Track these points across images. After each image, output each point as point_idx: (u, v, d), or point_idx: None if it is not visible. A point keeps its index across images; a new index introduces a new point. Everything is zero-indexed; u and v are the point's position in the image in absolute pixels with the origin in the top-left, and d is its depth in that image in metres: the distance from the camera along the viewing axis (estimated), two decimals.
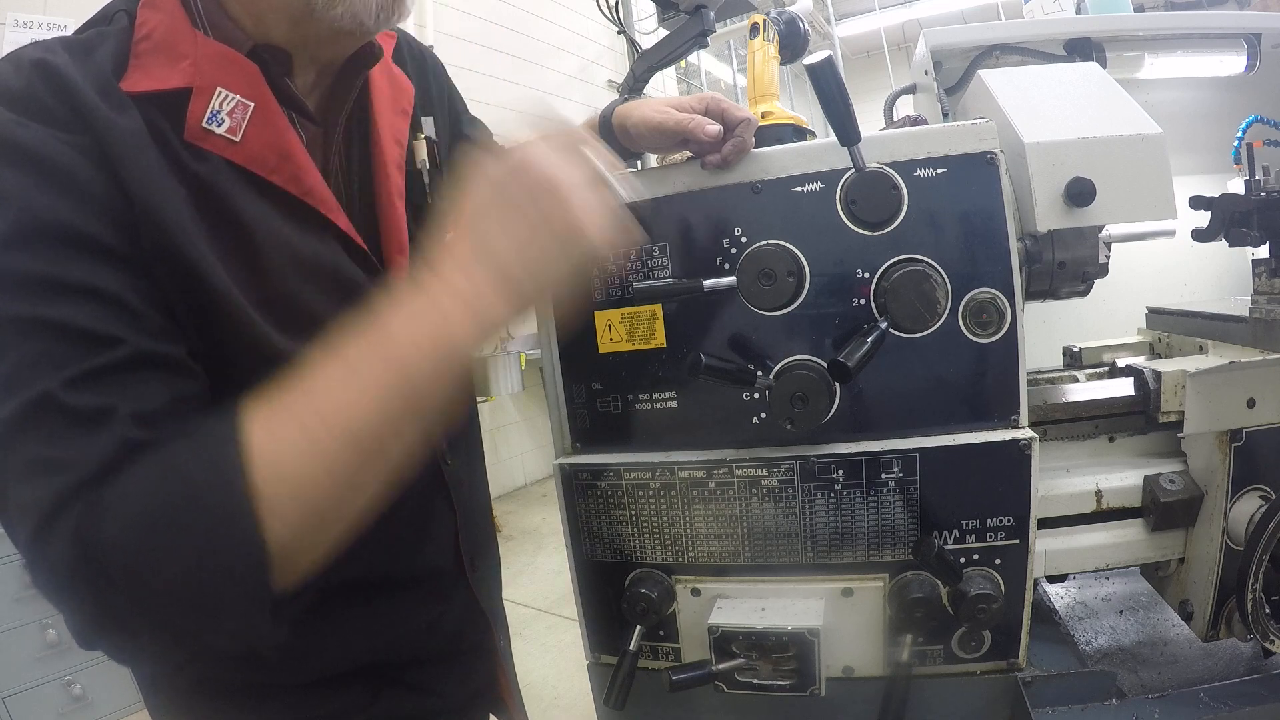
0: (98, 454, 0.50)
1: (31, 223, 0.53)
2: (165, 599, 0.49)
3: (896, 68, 8.43)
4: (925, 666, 0.78)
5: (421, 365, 0.51)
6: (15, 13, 2.55)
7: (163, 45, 0.62)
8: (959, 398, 0.74)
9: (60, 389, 0.51)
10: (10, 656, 2.07)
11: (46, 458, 0.51)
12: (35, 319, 0.52)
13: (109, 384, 0.53)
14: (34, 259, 0.53)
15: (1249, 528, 0.75)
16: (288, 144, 0.66)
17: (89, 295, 0.54)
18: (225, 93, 0.63)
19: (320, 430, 0.50)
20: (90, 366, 0.52)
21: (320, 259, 0.68)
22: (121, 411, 0.52)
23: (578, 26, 5.92)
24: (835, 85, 0.66)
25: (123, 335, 0.55)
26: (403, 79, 0.83)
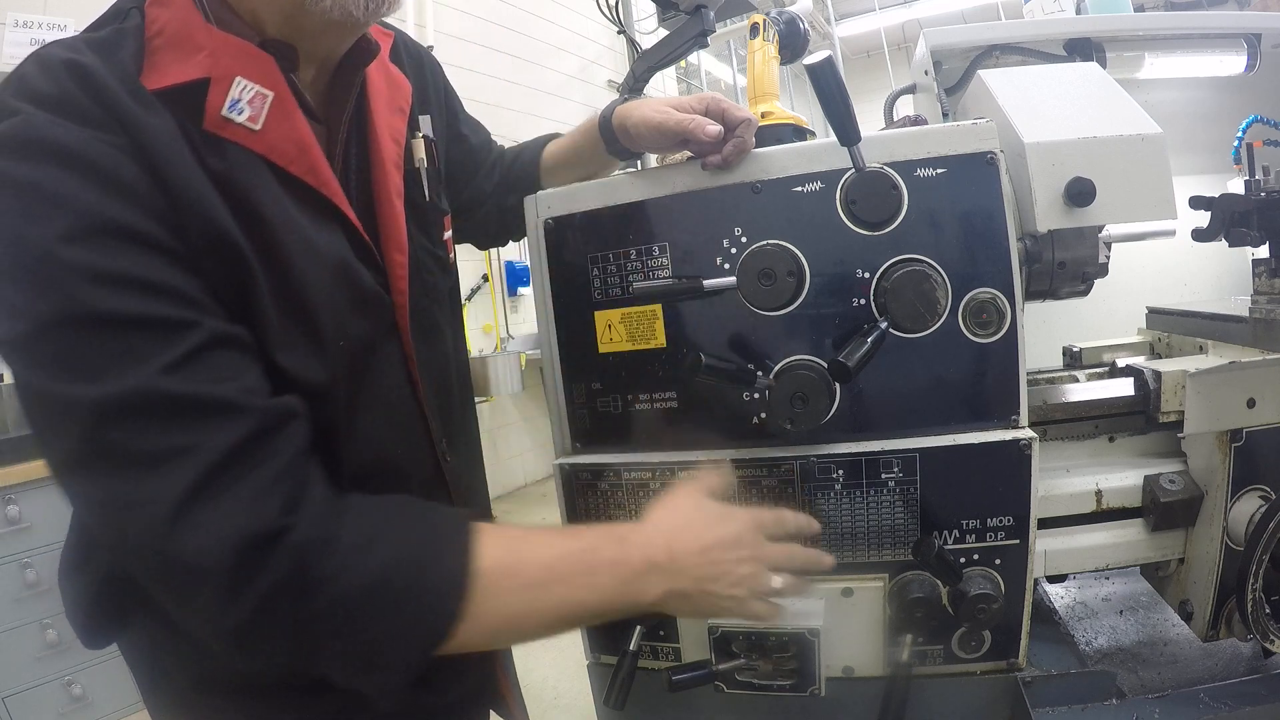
0: (223, 437, 0.54)
1: (87, 221, 0.54)
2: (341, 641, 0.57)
3: (896, 68, 8.43)
4: (925, 666, 0.78)
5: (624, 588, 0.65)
6: (15, 13, 2.55)
7: (176, 40, 0.62)
8: (959, 398, 0.74)
9: (159, 377, 0.53)
10: (10, 656, 2.07)
11: (166, 446, 0.52)
12: (106, 314, 0.53)
13: (203, 366, 0.55)
14: (95, 255, 0.53)
15: (1249, 528, 0.75)
16: (304, 135, 0.67)
17: (154, 287, 0.55)
18: (244, 82, 0.63)
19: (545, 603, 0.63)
20: (180, 352, 0.54)
21: (332, 252, 0.69)
22: (231, 391, 0.56)
23: (578, 26, 5.92)
24: (835, 85, 0.66)
25: (196, 318, 0.56)
26: (400, 78, 0.83)
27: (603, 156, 0.93)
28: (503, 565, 0.61)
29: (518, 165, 1.01)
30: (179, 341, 0.55)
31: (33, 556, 2.10)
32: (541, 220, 0.84)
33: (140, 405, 0.53)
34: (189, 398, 0.54)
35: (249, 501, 0.54)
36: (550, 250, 0.84)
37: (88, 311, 0.52)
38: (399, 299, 0.76)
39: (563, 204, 0.83)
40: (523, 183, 0.98)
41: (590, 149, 0.94)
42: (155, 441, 0.53)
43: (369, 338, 0.73)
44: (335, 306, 0.68)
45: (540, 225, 0.84)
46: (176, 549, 0.53)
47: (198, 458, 0.53)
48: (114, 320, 0.53)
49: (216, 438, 0.54)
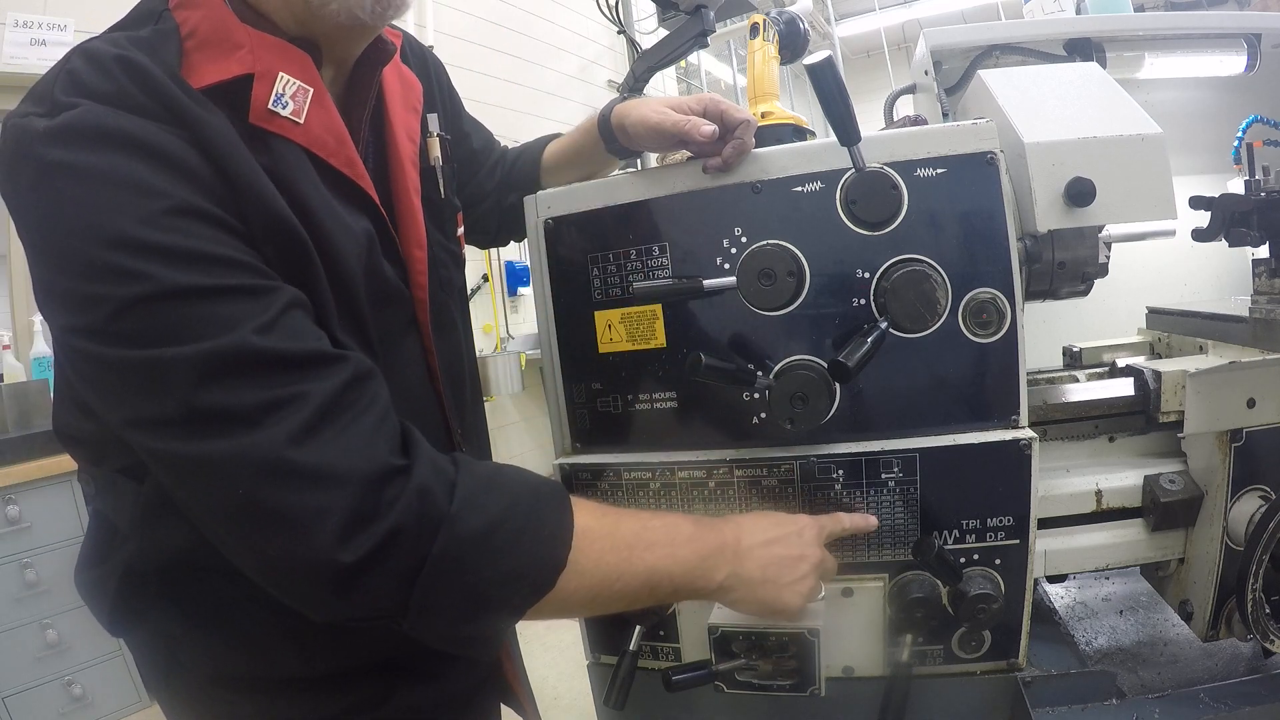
0: (323, 386, 0.55)
1: (158, 204, 0.54)
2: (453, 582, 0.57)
3: (896, 68, 8.43)
4: (925, 666, 0.78)
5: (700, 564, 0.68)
6: (15, 13, 2.55)
7: (212, 39, 0.63)
8: (959, 398, 0.74)
9: (253, 335, 0.53)
10: (10, 656, 2.07)
11: (266, 399, 0.53)
12: (189, 287, 0.53)
13: (291, 325, 0.56)
14: (169, 235, 0.53)
15: (1249, 528, 0.75)
16: (342, 129, 0.68)
17: (232, 261, 0.56)
18: (287, 77, 0.64)
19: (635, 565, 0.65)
20: (270, 315, 0.55)
21: (367, 245, 0.70)
22: (321, 345, 0.58)
23: (578, 26, 5.91)
24: (835, 85, 0.66)
25: (277, 284, 0.58)
26: (412, 77, 0.84)
27: (602, 156, 0.93)
28: (600, 524, 0.65)
29: (518, 165, 1.02)
30: (265, 305, 0.56)
31: (33, 556, 2.10)
32: (541, 220, 0.84)
33: (237, 363, 0.53)
34: (285, 352, 0.55)
35: (364, 441, 0.56)
36: (550, 250, 0.84)
37: (173, 287, 0.53)
38: (419, 293, 0.78)
39: (563, 204, 0.83)
40: (523, 182, 0.98)
41: (590, 148, 0.94)
42: (257, 396, 0.53)
43: (391, 330, 0.75)
44: (370, 296, 0.70)
45: (540, 225, 0.84)
46: (292, 491, 0.53)
47: (304, 405, 0.54)
48: (200, 292, 0.53)
49: (320, 384, 0.55)
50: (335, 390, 0.56)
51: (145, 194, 0.53)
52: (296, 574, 0.56)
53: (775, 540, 0.71)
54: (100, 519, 0.76)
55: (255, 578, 0.58)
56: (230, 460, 0.53)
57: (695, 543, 0.68)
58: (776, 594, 0.69)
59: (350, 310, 0.68)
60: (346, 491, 0.53)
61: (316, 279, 0.64)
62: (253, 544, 0.56)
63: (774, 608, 0.71)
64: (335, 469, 0.54)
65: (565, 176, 0.97)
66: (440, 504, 0.57)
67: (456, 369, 0.85)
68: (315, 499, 0.53)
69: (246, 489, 0.53)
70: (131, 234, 0.52)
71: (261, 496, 0.53)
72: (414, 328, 0.78)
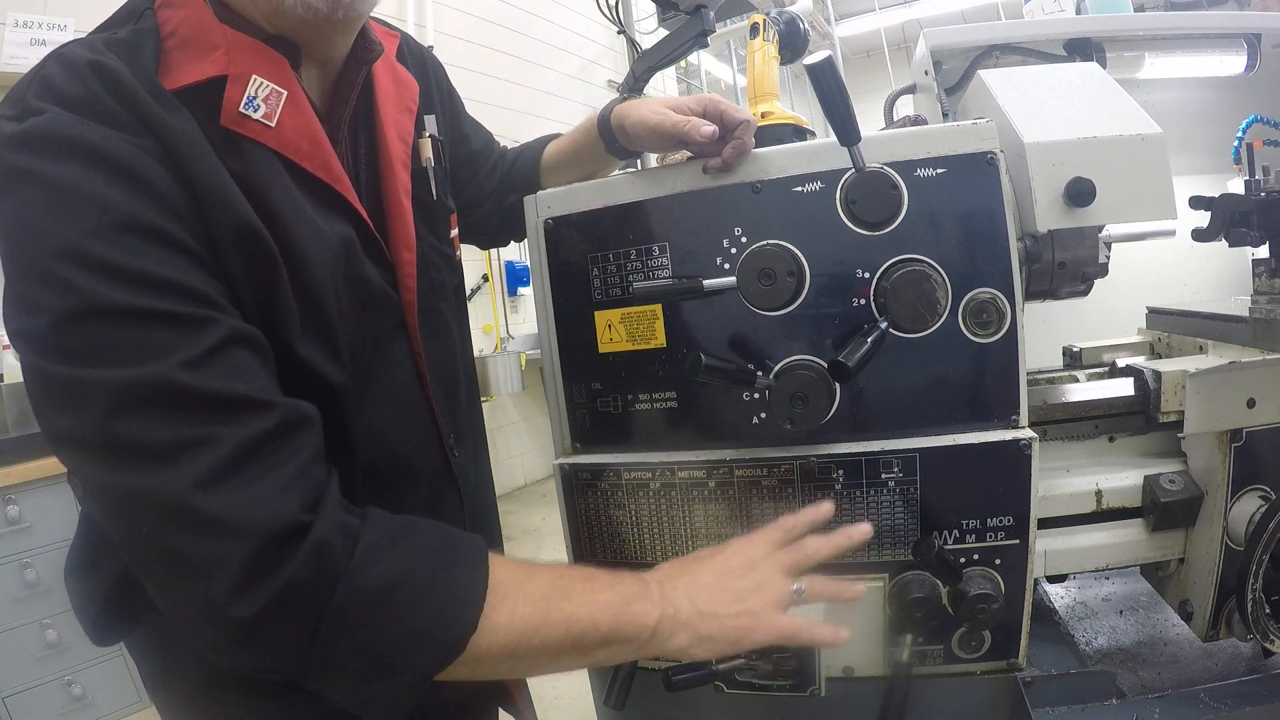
0: (240, 432, 0.54)
1: (111, 218, 0.54)
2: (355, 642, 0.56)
3: (896, 68, 8.43)
4: (925, 666, 0.78)
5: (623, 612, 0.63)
6: (15, 13, 2.55)
7: (191, 39, 0.63)
8: (959, 398, 0.74)
9: (178, 370, 0.52)
10: (10, 656, 2.07)
11: (181, 438, 0.52)
12: (125, 307, 0.53)
13: (221, 364, 0.55)
14: (117, 251, 0.53)
15: (1249, 528, 0.75)
16: (318, 132, 0.68)
17: (173, 284, 0.55)
18: (260, 80, 0.63)
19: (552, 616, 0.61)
20: (200, 349, 0.54)
21: (342, 249, 0.70)
22: (248, 389, 0.56)
23: (578, 26, 5.91)
24: (835, 85, 0.66)
25: (215, 316, 0.56)
26: (407, 77, 0.84)
27: (602, 156, 0.93)
28: (513, 578, 0.62)
29: (518, 165, 1.02)
30: (198, 338, 0.54)
31: (33, 556, 2.10)
32: (541, 220, 0.84)
33: (157, 396, 0.52)
34: (207, 392, 0.53)
35: (272, 494, 0.54)
36: (550, 250, 0.84)
37: (109, 305, 0.52)
38: (407, 296, 0.77)
39: (563, 204, 0.83)
40: (523, 182, 0.98)
41: (590, 148, 0.94)
42: (172, 433, 0.52)
43: (378, 334, 0.74)
44: (343, 302, 0.69)
45: (540, 225, 0.84)
46: (191, 536, 0.52)
47: (216, 449, 0.53)
48: (135, 314, 0.53)
49: (237, 430, 0.54)
50: (253, 438, 0.54)
51: (98, 207, 0.53)
52: (196, 620, 0.55)
53: (701, 570, 0.67)
54: (89, 521, 0.76)
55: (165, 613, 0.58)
56: (138, 495, 0.53)
57: (616, 587, 0.64)
58: (721, 625, 0.64)
59: (317, 320, 0.66)
60: (244, 544, 0.52)
61: (283, 288, 0.63)
62: (157, 582, 0.56)
63: (728, 640, 0.64)
64: (236, 520, 0.52)
65: (565, 177, 0.97)
66: (339, 559, 0.55)
67: (450, 372, 0.85)
68: (213, 549, 0.52)
69: (150, 528, 0.53)
70: (78, 246, 0.52)
71: (163, 538, 0.53)
72: (402, 331, 0.78)
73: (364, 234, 0.72)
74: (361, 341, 0.72)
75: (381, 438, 0.74)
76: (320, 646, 0.55)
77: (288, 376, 0.63)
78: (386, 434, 0.75)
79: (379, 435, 0.74)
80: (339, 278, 0.69)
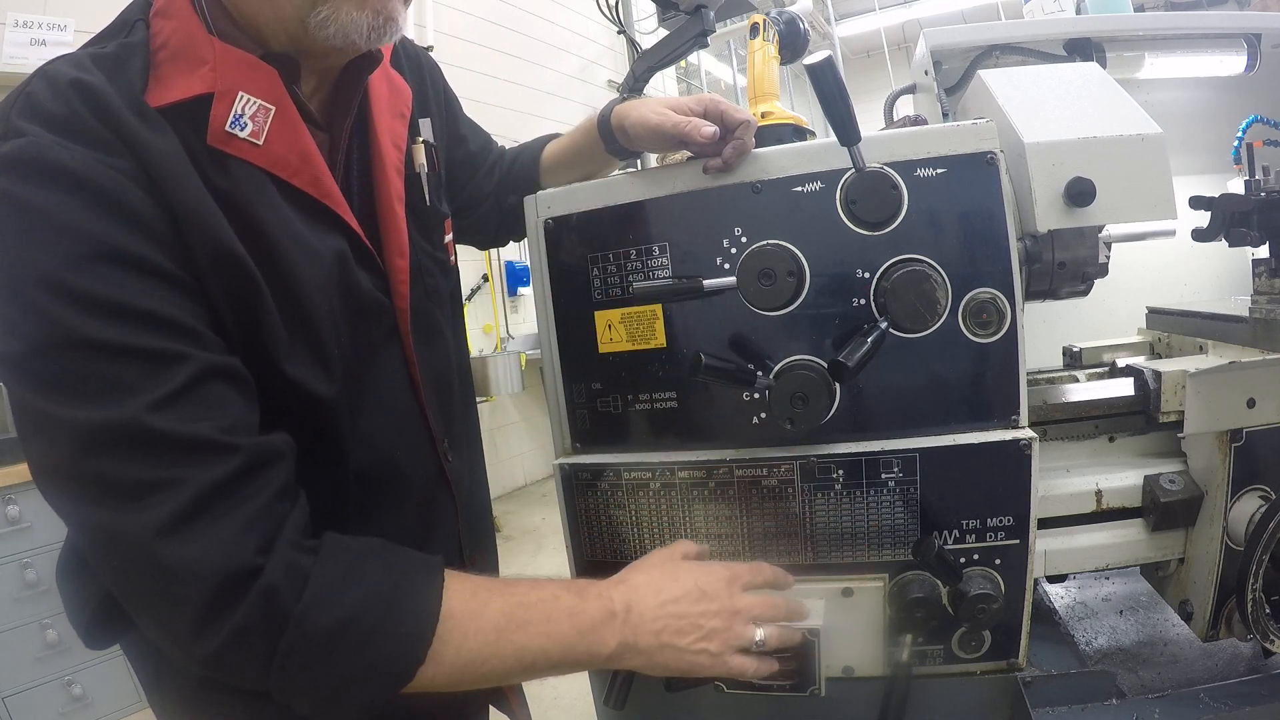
0: (205, 475, 0.55)
1: (89, 247, 0.54)
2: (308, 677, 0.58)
3: (896, 68, 8.43)
4: (925, 666, 0.78)
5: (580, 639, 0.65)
6: (15, 13, 2.55)
7: (180, 52, 0.63)
8: (959, 398, 0.74)
9: (146, 413, 0.54)
10: (10, 656, 2.07)
11: (150, 479, 0.54)
12: (99, 341, 0.53)
13: (191, 402, 0.56)
14: (93, 281, 0.54)
15: (1249, 528, 0.75)
16: (307, 147, 0.67)
17: (149, 316, 0.56)
18: (247, 97, 0.63)
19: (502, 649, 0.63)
20: (170, 388, 0.55)
21: (334, 262, 0.69)
22: (215, 431, 0.57)
23: (578, 26, 5.92)
24: (835, 85, 0.66)
25: (189, 351, 0.57)
26: (401, 83, 0.83)
27: (602, 156, 0.93)
28: (466, 610, 0.62)
29: (517, 165, 1.01)
30: (169, 376, 0.55)
31: (33, 556, 2.10)
32: (541, 220, 0.84)
33: (125, 438, 0.54)
34: (174, 436, 0.55)
35: (231, 537, 0.55)
36: (550, 250, 0.84)
37: (83, 338, 0.53)
38: (400, 303, 0.77)
39: (563, 204, 0.83)
40: (522, 183, 0.98)
41: (590, 148, 0.94)
42: (139, 474, 0.54)
43: (370, 342, 0.74)
44: (336, 314, 0.69)
45: (540, 225, 0.84)
46: (154, 579, 0.55)
47: (180, 493, 0.54)
48: (108, 349, 0.54)
49: (199, 474, 0.55)
50: (216, 480, 0.56)
51: (75, 236, 0.54)
52: (167, 645, 0.59)
53: (671, 600, 0.68)
54: None
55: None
56: (104, 532, 0.56)
57: (576, 617, 0.65)
58: (678, 658, 0.67)
59: (307, 336, 0.67)
60: (199, 589, 0.54)
61: (265, 311, 0.63)
62: (130, 608, 0.59)
63: (688, 670, 0.68)
64: (194, 566, 0.54)
65: (565, 177, 0.96)
66: (286, 603, 0.56)
67: (444, 377, 0.85)
68: (173, 592, 0.54)
69: (119, 564, 0.56)
70: (55, 275, 0.53)
71: (130, 577, 0.56)
72: (395, 338, 0.77)
73: (356, 244, 0.72)
74: (354, 351, 0.72)
75: (373, 445, 0.74)
76: (276, 678, 0.58)
77: (276, 394, 0.64)
78: (378, 441, 0.75)
79: (371, 443, 0.74)
80: (331, 292, 0.69)
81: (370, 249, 0.74)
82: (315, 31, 0.64)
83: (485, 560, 0.94)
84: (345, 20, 0.64)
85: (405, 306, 0.77)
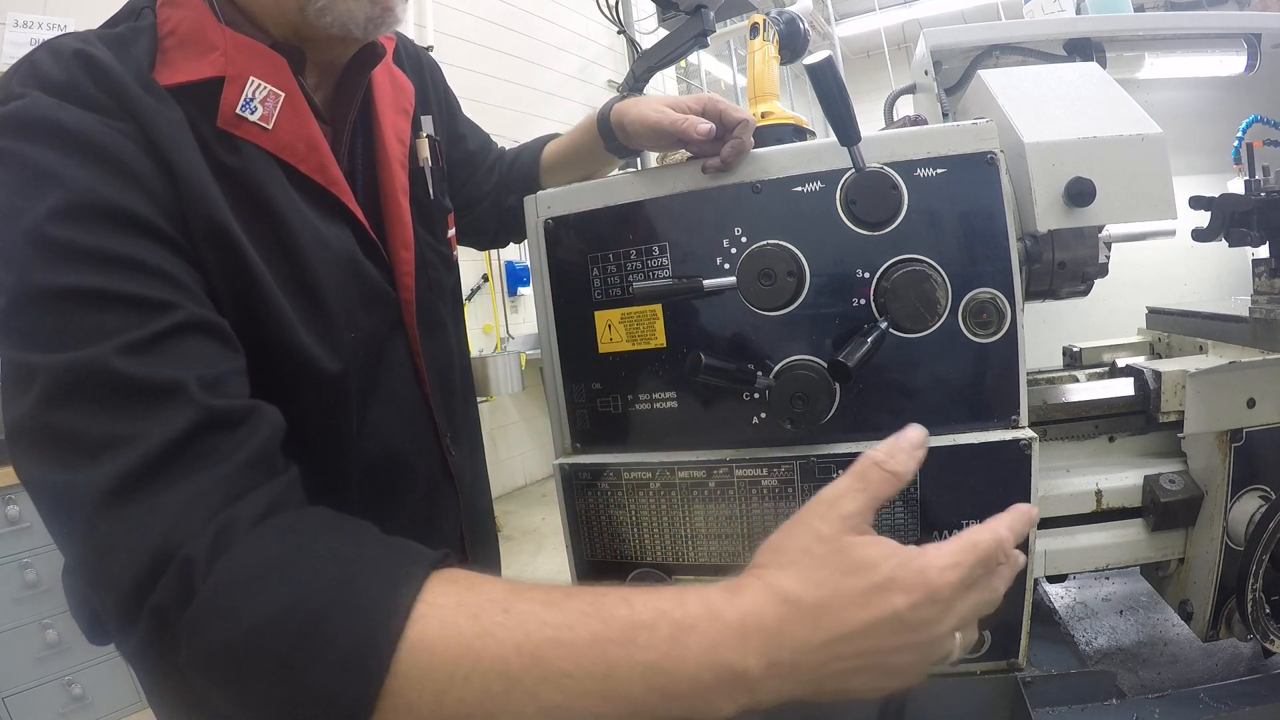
0: (163, 430, 0.48)
1: (77, 199, 0.53)
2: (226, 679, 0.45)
3: (896, 68, 8.43)
4: None
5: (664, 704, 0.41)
6: (15, 12, 2.55)
7: (190, 39, 0.63)
8: (959, 398, 0.74)
9: (114, 355, 0.49)
10: (10, 656, 2.07)
11: (108, 433, 0.48)
12: (80, 289, 0.51)
13: (168, 350, 0.51)
14: (79, 232, 0.52)
15: (1249, 528, 0.75)
16: (314, 134, 0.68)
17: (137, 266, 0.53)
18: (258, 81, 0.64)
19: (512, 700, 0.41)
20: (147, 333, 0.51)
21: (342, 248, 0.70)
22: (187, 379, 0.50)
23: (578, 26, 5.92)
24: (835, 85, 0.66)
25: (176, 301, 0.54)
26: (404, 79, 0.84)
27: (602, 155, 0.93)
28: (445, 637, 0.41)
29: (517, 165, 1.02)
30: (150, 321, 0.51)
31: (33, 556, 2.10)
32: (541, 220, 0.84)
33: (89, 383, 0.49)
34: (138, 381, 0.49)
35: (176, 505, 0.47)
36: (550, 250, 0.84)
37: (65, 286, 0.51)
38: (405, 295, 0.77)
39: (563, 204, 0.83)
40: (522, 183, 0.98)
41: (590, 147, 0.94)
42: (97, 427, 0.48)
43: (377, 332, 0.75)
44: (346, 299, 0.70)
45: (540, 225, 0.84)
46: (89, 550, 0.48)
47: (134, 449, 0.47)
48: (89, 295, 0.51)
49: (158, 430, 0.48)
50: (176, 437, 0.48)
51: (66, 188, 0.53)
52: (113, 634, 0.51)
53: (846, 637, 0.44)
54: None
55: None
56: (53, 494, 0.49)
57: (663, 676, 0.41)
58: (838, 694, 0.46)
59: (314, 312, 0.66)
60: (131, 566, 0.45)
61: (261, 284, 0.62)
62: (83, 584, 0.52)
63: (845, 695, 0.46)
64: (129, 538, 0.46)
65: (565, 176, 0.97)
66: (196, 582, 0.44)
67: (447, 370, 0.85)
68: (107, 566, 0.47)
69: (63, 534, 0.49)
70: (41, 228, 0.52)
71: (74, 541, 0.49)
72: (400, 330, 0.78)
73: (361, 234, 0.72)
74: (364, 339, 0.72)
75: (378, 435, 0.74)
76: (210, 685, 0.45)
77: (277, 367, 0.63)
78: (383, 432, 0.75)
79: (376, 433, 0.74)
80: (341, 275, 0.69)
81: (375, 240, 0.74)
82: (313, 19, 0.64)
83: (488, 559, 0.94)
84: (342, 9, 0.64)
85: (410, 298, 0.78)
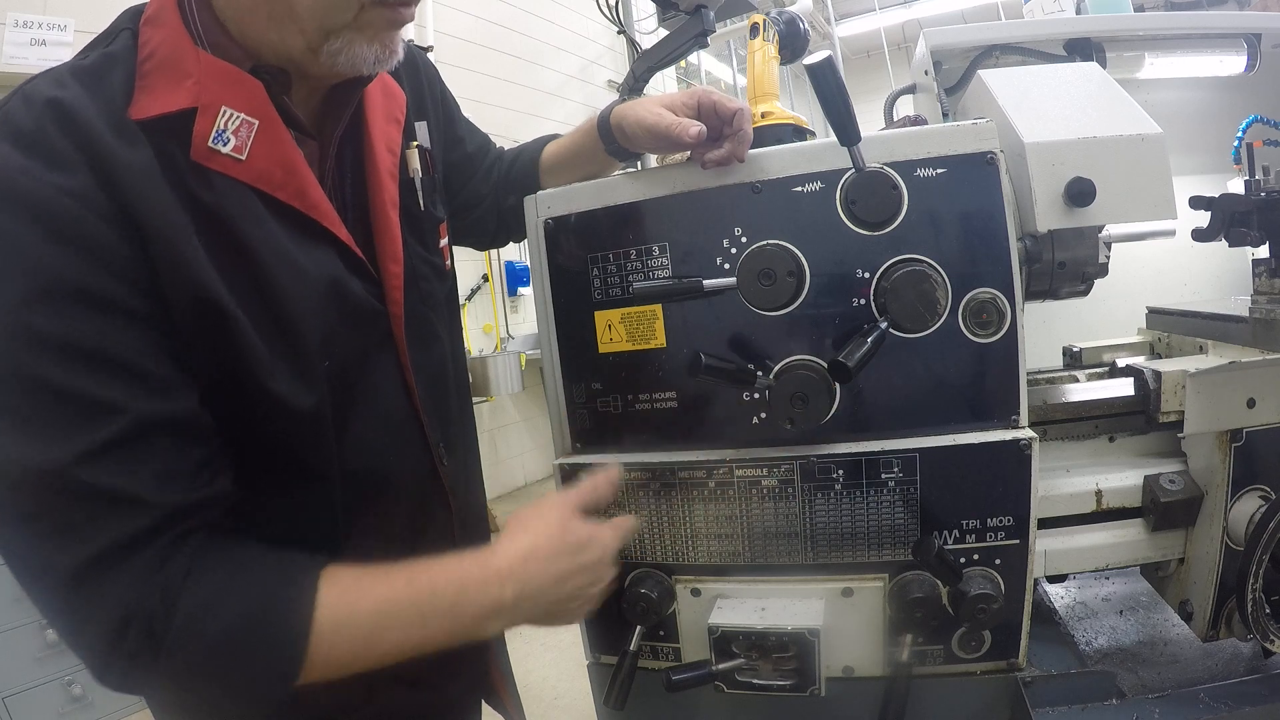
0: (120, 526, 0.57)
1: (43, 282, 0.54)
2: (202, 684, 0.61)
3: (896, 68, 8.43)
4: (925, 666, 0.78)
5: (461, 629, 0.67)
6: (15, 12, 2.55)
7: (166, 63, 0.62)
8: (959, 398, 0.74)
9: (74, 464, 0.55)
10: (10, 656, 2.07)
11: (66, 524, 0.56)
12: (44, 382, 0.54)
13: (119, 456, 0.57)
14: (47, 320, 0.54)
15: (1249, 528, 0.75)
16: (292, 159, 0.67)
17: (94, 357, 0.56)
18: (230, 111, 0.63)
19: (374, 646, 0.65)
20: (102, 439, 0.56)
21: (322, 273, 0.69)
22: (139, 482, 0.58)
23: (578, 26, 5.92)
24: (835, 85, 0.66)
25: (126, 403, 0.57)
26: (395, 88, 0.83)
27: (602, 157, 0.93)
28: (336, 620, 0.63)
29: (517, 166, 1.01)
30: (102, 426, 0.56)
31: None
32: (541, 220, 0.84)
33: (53, 485, 0.55)
34: (97, 489, 0.56)
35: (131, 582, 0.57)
36: (550, 250, 0.84)
37: (28, 376, 0.54)
38: (394, 309, 0.76)
39: (563, 204, 0.83)
40: (522, 183, 0.98)
41: (590, 149, 0.94)
42: (59, 517, 0.56)
43: (361, 350, 0.74)
44: (325, 327, 0.69)
45: (540, 225, 0.84)
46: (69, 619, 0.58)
47: (94, 541, 0.56)
48: (49, 389, 0.55)
49: (114, 528, 0.57)
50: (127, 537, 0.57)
51: (30, 270, 0.54)
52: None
53: (564, 575, 0.71)
54: None
55: None
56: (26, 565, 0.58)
57: (456, 613, 0.66)
58: (550, 622, 0.73)
59: (288, 353, 0.67)
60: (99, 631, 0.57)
61: (239, 331, 0.63)
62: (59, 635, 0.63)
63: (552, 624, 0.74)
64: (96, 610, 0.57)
65: (564, 178, 0.96)
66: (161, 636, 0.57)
67: (439, 381, 0.85)
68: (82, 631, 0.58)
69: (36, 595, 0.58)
70: (7, 310, 0.54)
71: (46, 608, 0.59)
72: (389, 344, 0.77)
73: (346, 253, 0.72)
74: (345, 360, 0.71)
75: (365, 451, 0.74)
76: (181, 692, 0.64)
77: (255, 408, 0.65)
78: (370, 448, 0.74)
79: (363, 448, 0.74)
80: (320, 305, 0.68)
81: (362, 257, 0.73)
82: (325, 60, 0.65)
83: None
84: (355, 53, 0.65)
85: (400, 313, 0.77)
